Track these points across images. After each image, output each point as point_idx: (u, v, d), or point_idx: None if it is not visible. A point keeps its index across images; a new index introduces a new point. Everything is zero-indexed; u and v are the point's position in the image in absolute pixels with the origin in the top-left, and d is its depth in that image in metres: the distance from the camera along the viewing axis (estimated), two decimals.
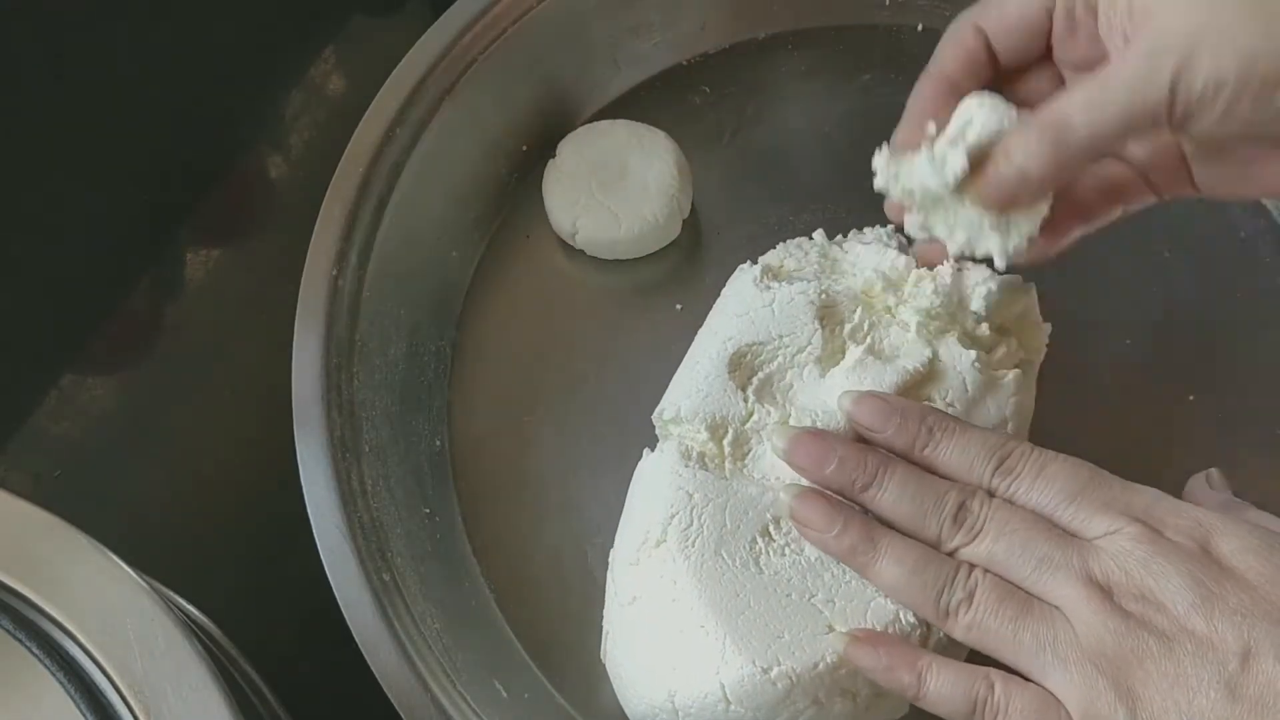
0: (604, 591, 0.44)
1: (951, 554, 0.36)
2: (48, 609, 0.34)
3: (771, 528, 0.40)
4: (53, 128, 0.56)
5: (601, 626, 0.44)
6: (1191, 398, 0.49)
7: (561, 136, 0.53)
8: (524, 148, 0.54)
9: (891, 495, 0.37)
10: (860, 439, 0.39)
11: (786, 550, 0.39)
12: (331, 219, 0.47)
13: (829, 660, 0.37)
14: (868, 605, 0.38)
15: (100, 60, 0.56)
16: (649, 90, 0.57)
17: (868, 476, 0.37)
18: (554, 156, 0.53)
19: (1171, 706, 0.31)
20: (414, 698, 0.40)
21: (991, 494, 0.36)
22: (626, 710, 0.42)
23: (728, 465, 0.41)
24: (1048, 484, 0.35)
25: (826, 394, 0.41)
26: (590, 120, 0.54)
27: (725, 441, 0.42)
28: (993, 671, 0.34)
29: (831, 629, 0.38)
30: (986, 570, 0.35)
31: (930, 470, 0.38)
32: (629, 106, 0.56)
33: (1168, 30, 0.33)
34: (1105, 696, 0.32)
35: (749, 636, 0.37)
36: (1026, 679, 0.34)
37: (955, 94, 0.39)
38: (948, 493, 0.36)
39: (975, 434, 0.37)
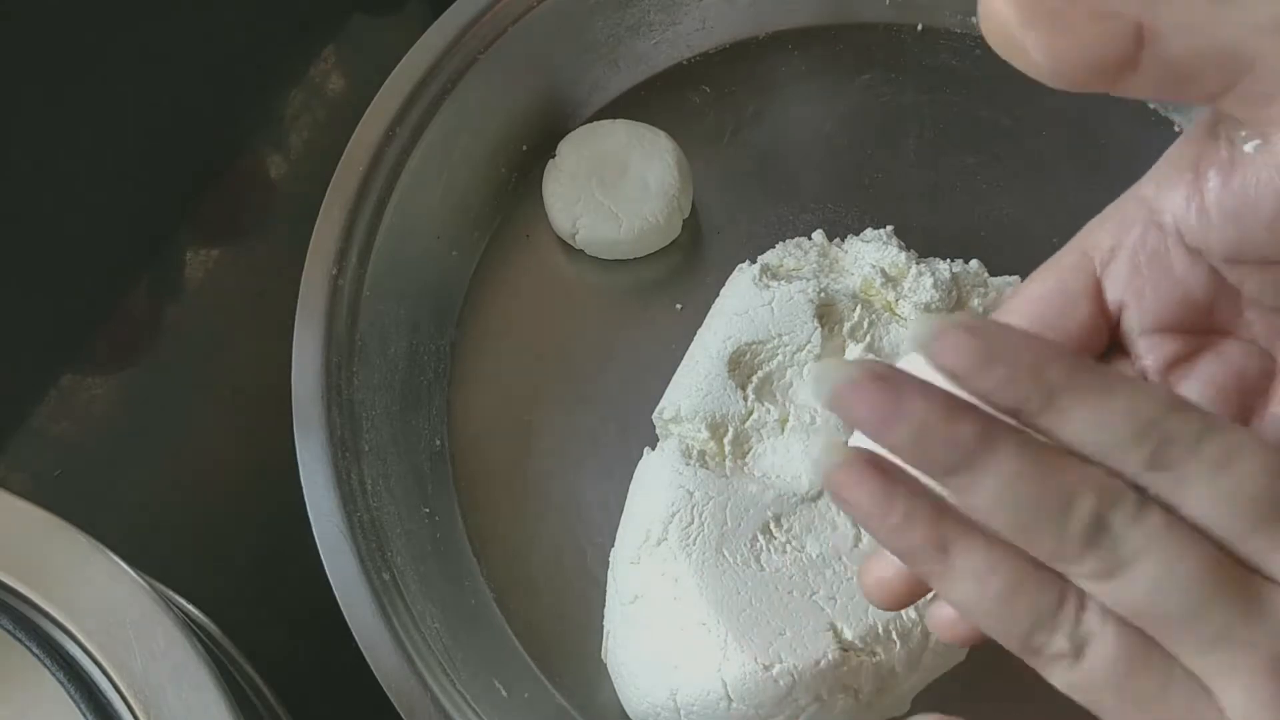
0: (604, 591, 0.44)
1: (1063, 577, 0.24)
2: (48, 609, 0.34)
3: (772, 525, 0.40)
4: (52, 127, 0.56)
5: (602, 626, 0.44)
6: None
7: (561, 136, 0.53)
8: (524, 148, 0.54)
9: (990, 491, 0.23)
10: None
11: (788, 548, 0.39)
12: (331, 219, 0.47)
13: (831, 657, 0.37)
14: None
15: (99, 59, 0.56)
16: (649, 90, 0.56)
17: (957, 455, 0.23)
18: (554, 156, 0.52)
19: None
20: (414, 698, 0.40)
21: (1142, 494, 0.23)
22: (628, 709, 0.42)
23: (728, 463, 0.41)
24: (1232, 487, 0.22)
25: None
26: (590, 120, 0.54)
27: (726, 440, 0.42)
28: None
29: (833, 626, 0.38)
30: (1109, 617, 0.23)
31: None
32: (629, 106, 0.55)
33: None
34: None
35: (751, 634, 0.37)
36: None
37: None
38: (1079, 494, 0.23)
39: (1121, 393, 0.23)
